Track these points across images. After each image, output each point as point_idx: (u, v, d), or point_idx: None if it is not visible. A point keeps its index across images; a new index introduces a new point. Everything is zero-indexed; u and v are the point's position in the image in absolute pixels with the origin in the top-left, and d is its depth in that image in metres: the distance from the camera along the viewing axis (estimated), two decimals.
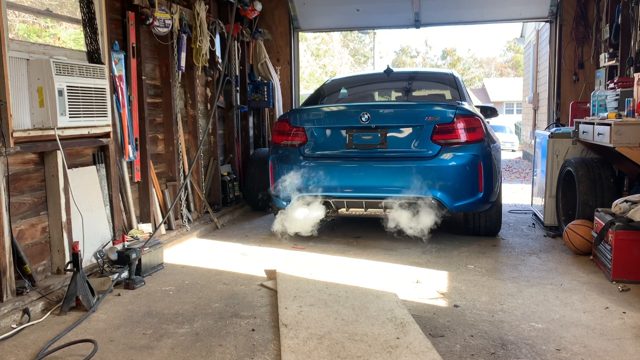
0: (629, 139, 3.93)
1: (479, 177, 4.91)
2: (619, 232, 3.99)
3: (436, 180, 4.84)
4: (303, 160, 5.18)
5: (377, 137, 5.03)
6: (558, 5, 7.27)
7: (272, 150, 5.48)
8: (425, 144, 4.94)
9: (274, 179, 5.33)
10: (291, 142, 5.29)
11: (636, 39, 5.43)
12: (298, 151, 5.24)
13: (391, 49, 77.51)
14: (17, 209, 3.71)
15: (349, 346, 2.93)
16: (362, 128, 5.06)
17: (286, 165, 5.22)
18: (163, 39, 5.44)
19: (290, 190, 5.16)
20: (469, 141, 4.92)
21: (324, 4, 8.02)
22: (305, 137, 5.23)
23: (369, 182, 5.01)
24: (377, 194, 4.99)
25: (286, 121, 5.37)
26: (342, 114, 5.27)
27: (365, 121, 5.02)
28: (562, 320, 3.33)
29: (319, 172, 5.10)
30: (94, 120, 4.22)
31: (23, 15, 4.37)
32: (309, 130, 5.22)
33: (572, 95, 7.18)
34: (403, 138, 5.01)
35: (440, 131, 4.91)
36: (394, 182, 4.94)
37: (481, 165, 4.90)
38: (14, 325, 3.31)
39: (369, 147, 5.06)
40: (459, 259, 4.74)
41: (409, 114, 5.06)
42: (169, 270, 4.53)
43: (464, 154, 4.89)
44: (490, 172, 5.02)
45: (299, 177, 5.14)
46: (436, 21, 8.09)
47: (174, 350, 2.99)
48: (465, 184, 4.88)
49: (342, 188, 5.05)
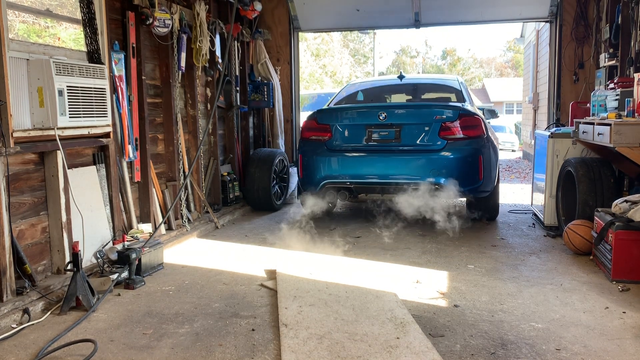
0: (629, 139, 3.93)
1: (479, 168, 5.61)
2: (619, 232, 3.99)
3: (442, 170, 5.55)
4: (328, 152, 5.93)
5: (393, 132, 5.77)
6: (558, 5, 7.27)
7: (301, 144, 6.24)
8: (433, 139, 5.66)
9: (303, 168, 6.09)
10: (318, 137, 6.04)
11: (636, 39, 5.43)
12: (324, 145, 5.98)
13: (391, 49, 77.58)
14: (17, 209, 3.71)
15: (349, 346, 2.93)
16: (380, 125, 5.80)
17: (314, 156, 5.98)
18: (163, 39, 5.44)
19: (318, 178, 5.94)
20: (470, 137, 5.63)
21: (324, 4, 8.01)
22: (330, 132, 5.98)
23: (385, 171, 5.74)
24: (392, 181, 5.71)
25: (314, 119, 6.13)
26: (362, 113, 6.03)
27: (382, 119, 5.76)
28: (562, 320, 3.33)
29: (342, 162, 5.88)
30: (94, 120, 4.22)
31: (23, 15, 4.37)
32: (333, 126, 5.97)
33: (572, 95, 7.18)
34: (414, 133, 5.72)
35: (446, 128, 5.63)
36: (407, 171, 5.66)
37: (481, 157, 5.60)
38: (14, 325, 3.31)
39: (385, 142, 5.79)
40: (459, 259, 4.74)
41: (419, 113, 5.79)
42: (169, 270, 4.53)
43: (466, 148, 5.60)
44: (489, 164, 5.74)
45: (324, 167, 5.93)
46: (436, 21, 8.09)
47: (174, 350, 2.99)
48: (467, 173, 5.58)
49: (362, 176, 5.80)
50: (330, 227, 6.13)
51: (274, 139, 7.95)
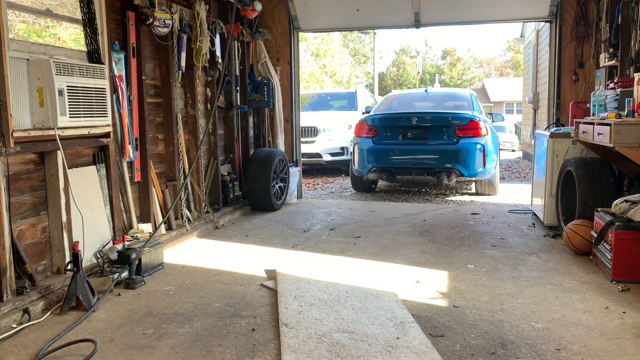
0: (629, 139, 3.93)
1: (482, 158, 7.89)
2: (619, 232, 3.99)
3: (457, 159, 7.88)
4: (374, 146, 8.28)
5: (421, 132, 8.14)
6: (558, 5, 7.27)
7: (354, 140, 8.62)
8: (450, 137, 8.00)
9: (356, 157, 8.47)
10: (367, 135, 8.41)
11: (636, 39, 5.43)
12: (371, 140, 8.33)
13: (391, 49, 77.52)
14: (17, 208, 3.71)
15: (349, 346, 2.93)
16: (412, 127, 8.15)
17: (364, 149, 8.33)
18: (163, 39, 5.44)
19: (367, 164, 8.32)
20: (476, 135, 7.94)
21: (324, 4, 8.01)
22: (376, 131, 8.34)
23: (415, 159, 8.11)
24: (421, 166, 8.11)
25: (364, 122, 8.58)
26: (399, 117, 8.39)
27: (414, 123, 8.10)
28: (562, 320, 3.33)
29: (384, 153, 8.20)
30: (94, 120, 4.22)
31: (23, 15, 4.37)
32: (378, 127, 8.33)
33: (572, 95, 7.18)
34: (437, 132, 8.06)
35: (459, 129, 7.96)
36: (431, 159, 8.02)
37: (484, 150, 7.89)
38: (14, 325, 3.31)
39: (416, 138, 8.18)
40: (459, 259, 4.75)
41: (440, 117, 8.12)
42: (169, 270, 4.53)
43: (474, 143, 7.90)
44: (490, 155, 8.01)
45: (373, 156, 8.26)
46: (436, 21, 8.08)
47: (174, 350, 2.99)
48: (474, 161, 7.88)
49: (399, 162, 8.19)
50: (330, 227, 6.13)
51: (274, 139, 7.95)
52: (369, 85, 34.71)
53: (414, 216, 6.78)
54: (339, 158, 11.59)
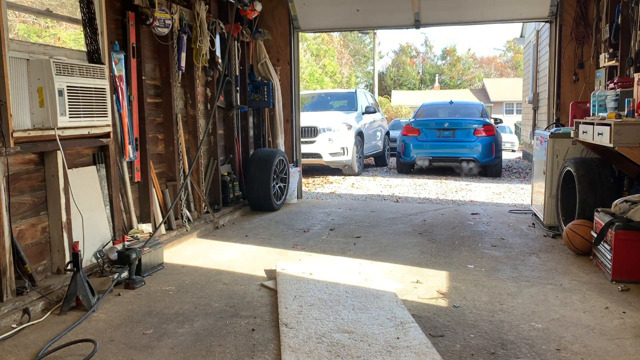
0: (629, 139, 3.93)
1: (492, 150, 11.43)
2: (619, 232, 3.99)
3: (475, 151, 11.42)
4: (418, 142, 11.86)
5: (451, 133, 11.70)
6: (558, 5, 7.26)
7: (403, 138, 12.06)
8: (470, 136, 11.52)
9: (403, 150, 12.02)
10: (413, 134, 11.97)
11: (636, 39, 5.43)
12: (415, 138, 11.89)
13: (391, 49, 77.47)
14: (17, 209, 3.71)
15: (349, 346, 2.93)
16: (445, 129, 11.74)
17: (410, 144, 11.90)
18: (163, 39, 5.44)
19: (413, 154, 11.85)
20: (488, 135, 11.47)
21: (324, 4, 8.00)
22: (419, 132, 11.92)
23: (447, 151, 11.68)
24: (451, 156, 11.76)
25: (411, 124, 12.24)
26: (435, 122, 11.99)
27: (446, 126, 11.74)
28: (562, 320, 3.33)
29: (425, 146, 11.78)
30: (94, 120, 4.22)
31: (23, 15, 4.38)
32: (420, 129, 11.93)
33: (572, 95, 7.17)
34: (462, 133, 11.61)
35: (477, 131, 11.51)
36: (458, 152, 11.60)
37: (494, 145, 11.44)
38: (14, 325, 3.31)
39: (447, 137, 11.71)
40: (459, 259, 4.75)
41: (463, 123, 11.75)
42: (169, 270, 4.53)
43: (486, 140, 11.41)
44: (498, 148, 11.56)
45: (416, 149, 11.82)
46: (436, 21, 8.08)
47: (174, 350, 2.99)
48: (487, 152, 11.40)
49: (435, 153, 11.73)
50: (331, 227, 6.13)
51: (274, 139, 7.95)
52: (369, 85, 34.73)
53: (414, 216, 6.78)
54: (339, 158, 11.59)
